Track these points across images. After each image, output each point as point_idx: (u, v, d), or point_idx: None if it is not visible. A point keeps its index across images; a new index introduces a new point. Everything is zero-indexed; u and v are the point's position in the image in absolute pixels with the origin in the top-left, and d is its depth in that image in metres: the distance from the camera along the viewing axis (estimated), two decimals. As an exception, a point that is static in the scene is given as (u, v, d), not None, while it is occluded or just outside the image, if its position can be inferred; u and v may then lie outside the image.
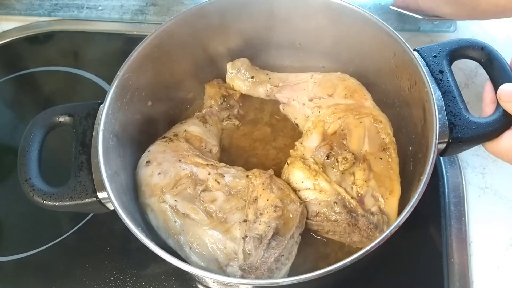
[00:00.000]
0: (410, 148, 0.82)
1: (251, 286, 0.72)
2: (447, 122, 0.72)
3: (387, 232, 0.63)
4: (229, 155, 0.96)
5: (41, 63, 1.22)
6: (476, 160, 0.96)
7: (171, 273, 0.88)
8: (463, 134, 0.72)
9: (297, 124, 0.95)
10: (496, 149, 0.74)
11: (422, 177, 0.66)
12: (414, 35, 1.15)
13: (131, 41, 1.17)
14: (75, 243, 0.93)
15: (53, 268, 0.90)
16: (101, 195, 0.74)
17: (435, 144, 0.67)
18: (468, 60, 0.80)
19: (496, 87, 0.73)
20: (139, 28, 1.25)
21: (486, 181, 0.94)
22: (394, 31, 0.79)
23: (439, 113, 0.71)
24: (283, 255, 0.74)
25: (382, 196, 0.77)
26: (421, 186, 0.65)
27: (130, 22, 1.26)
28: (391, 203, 0.77)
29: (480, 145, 0.76)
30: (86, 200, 0.74)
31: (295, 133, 0.96)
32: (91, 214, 0.95)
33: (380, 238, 0.62)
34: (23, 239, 0.95)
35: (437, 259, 0.85)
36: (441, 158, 0.94)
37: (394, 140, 0.83)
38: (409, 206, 0.64)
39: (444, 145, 0.73)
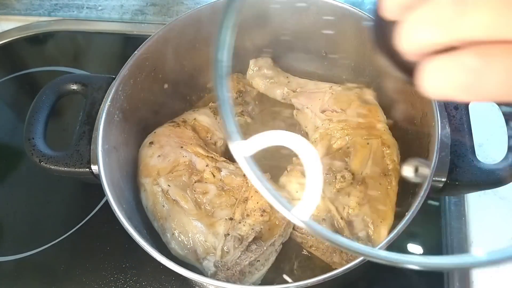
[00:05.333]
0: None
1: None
2: (448, 162, 0.69)
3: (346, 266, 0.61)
4: (233, 150, 0.95)
5: (41, 63, 1.22)
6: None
7: (171, 273, 0.84)
8: (463, 177, 0.68)
9: (306, 133, 0.94)
10: None
11: (406, 212, 0.63)
12: None
13: (131, 41, 1.20)
14: (75, 243, 0.92)
15: (53, 268, 0.90)
16: (94, 167, 0.76)
17: (428, 181, 0.64)
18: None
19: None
20: (139, 28, 1.24)
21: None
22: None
23: (442, 151, 0.68)
24: (258, 261, 0.74)
25: (372, 223, 0.75)
26: (403, 222, 0.62)
27: (130, 22, 1.26)
28: (380, 232, 0.74)
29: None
30: (80, 170, 0.76)
31: (303, 141, 0.94)
32: (91, 214, 0.95)
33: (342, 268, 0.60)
34: (23, 239, 0.94)
35: (437, 259, 0.83)
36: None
37: (399, 168, 0.79)
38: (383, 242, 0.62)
39: (441, 184, 0.69)
